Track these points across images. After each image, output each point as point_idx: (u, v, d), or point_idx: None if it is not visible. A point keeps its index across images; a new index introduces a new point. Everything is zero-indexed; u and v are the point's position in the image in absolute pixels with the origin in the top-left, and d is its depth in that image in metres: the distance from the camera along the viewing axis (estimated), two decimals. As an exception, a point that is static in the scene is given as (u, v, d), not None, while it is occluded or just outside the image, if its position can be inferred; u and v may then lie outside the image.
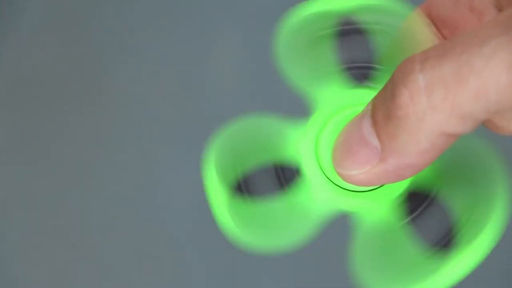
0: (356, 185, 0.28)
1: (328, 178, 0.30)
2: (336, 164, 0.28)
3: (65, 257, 0.78)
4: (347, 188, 0.30)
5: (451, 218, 0.29)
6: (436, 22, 0.31)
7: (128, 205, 0.78)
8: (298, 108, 0.31)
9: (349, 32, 0.30)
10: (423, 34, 0.30)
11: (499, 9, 0.30)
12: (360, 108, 0.28)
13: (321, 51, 0.30)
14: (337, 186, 0.30)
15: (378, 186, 0.30)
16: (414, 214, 0.30)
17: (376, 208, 0.30)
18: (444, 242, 0.29)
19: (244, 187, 0.30)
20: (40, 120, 0.80)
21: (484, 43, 0.24)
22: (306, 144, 0.30)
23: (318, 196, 0.30)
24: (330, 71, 0.31)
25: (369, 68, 0.31)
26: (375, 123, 0.26)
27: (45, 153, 0.79)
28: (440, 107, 0.25)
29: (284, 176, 0.30)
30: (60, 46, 0.81)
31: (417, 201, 0.30)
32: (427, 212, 0.30)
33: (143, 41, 0.81)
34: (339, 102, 0.30)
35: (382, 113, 0.26)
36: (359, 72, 0.31)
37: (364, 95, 0.30)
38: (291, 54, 0.30)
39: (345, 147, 0.27)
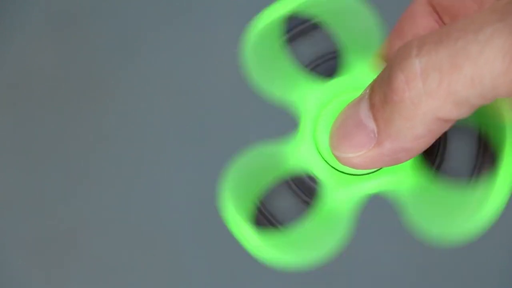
0: (352, 168, 0.28)
1: (324, 159, 0.30)
2: (333, 147, 0.28)
3: (65, 256, 0.78)
4: (344, 171, 0.30)
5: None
6: (438, 9, 0.31)
7: (128, 205, 0.78)
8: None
9: (304, 31, 0.31)
10: None
11: None
12: (356, 94, 0.28)
13: (285, 58, 0.31)
14: (334, 168, 0.30)
15: (374, 170, 0.30)
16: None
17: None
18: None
19: (269, 216, 0.31)
20: (40, 121, 0.80)
21: (480, 30, 0.25)
22: (306, 149, 0.31)
23: (341, 196, 0.30)
24: (299, 73, 0.31)
25: (335, 58, 0.31)
26: (372, 107, 0.27)
27: (45, 153, 0.79)
28: (435, 92, 0.25)
29: (302, 191, 0.31)
30: (61, 47, 0.81)
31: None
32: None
33: (143, 42, 0.81)
34: (322, 96, 0.31)
35: (379, 97, 0.26)
36: (327, 65, 0.31)
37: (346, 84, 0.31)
38: (258, 67, 0.31)
39: (342, 130, 0.28)
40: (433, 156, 0.30)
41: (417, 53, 0.25)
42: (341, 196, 0.30)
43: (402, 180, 0.30)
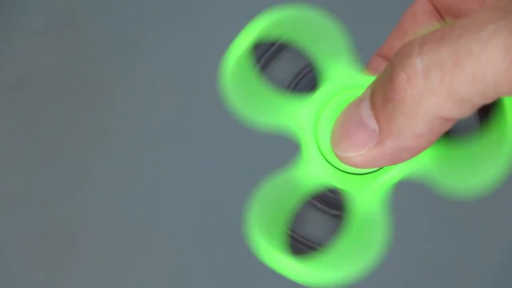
0: (354, 167, 0.28)
1: (325, 158, 0.30)
2: (334, 146, 0.28)
3: (65, 256, 0.78)
4: (344, 170, 0.30)
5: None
6: (439, 8, 0.31)
7: (128, 205, 0.78)
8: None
9: (274, 55, 0.31)
10: None
11: None
12: (358, 92, 0.28)
13: (265, 86, 0.31)
14: (334, 167, 0.30)
15: (376, 169, 0.30)
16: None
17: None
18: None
19: (305, 241, 0.30)
20: (40, 121, 0.80)
21: (482, 27, 0.24)
22: (315, 164, 0.31)
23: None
24: (283, 95, 0.31)
25: (312, 70, 0.31)
26: (373, 106, 0.26)
27: (45, 153, 0.79)
28: (436, 90, 0.25)
29: (328, 206, 0.31)
30: (61, 47, 0.81)
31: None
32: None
33: (144, 42, 0.81)
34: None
35: (380, 96, 0.26)
36: (307, 79, 0.31)
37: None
38: (242, 103, 0.31)
39: (343, 129, 0.28)
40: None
41: (419, 51, 0.25)
42: (368, 196, 0.30)
43: (420, 157, 0.30)
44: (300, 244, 0.30)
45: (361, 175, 0.30)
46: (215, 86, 0.81)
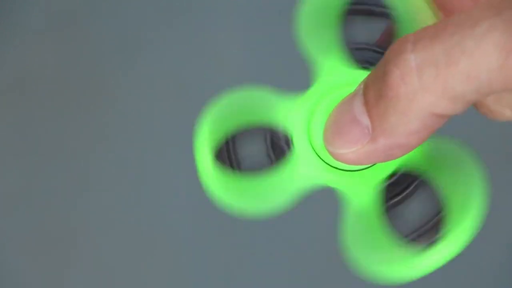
0: (346, 163, 0.28)
1: (317, 155, 0.30)
2: (327, 142, 0.28)
3: (65, 256, 0.78)
4: (336, 167, 0.30)
5: (432, 208, 0.29)
6: (433, 5, 0.31)
7: (129, 205, 0.78)
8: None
9: (365, 12, 0.30)
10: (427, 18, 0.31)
11: None
12: (353, 88, 0.28)
13: (334, 28, 0.31)
14: (326, 163, 0.30)
15: (369, 165, 0.30)
16: (395, 200, 0.30)
17: (361, 189, 0.30)
18: (423, 230, 0.29)
19: (233, 156, 0.30)
20: (40, 121, 0.80)
21: (477, 24, 0.24)
22: (298, 116, 0.31)
23: (305, 171, 0.30)
24: (338, 48, 0.31)
25: (375, 51, 0.31)
26: (366, 103, 0.26)
27: (45, 153, 0.79)
28: (431, 87, 0.25)
29: (273, 147, 0.31)
30: (61, 47, 0.81)
31: (399, 187, 0.30)
32: (409, 199, 0.30)
33: (144, 42, 0.81)
34: (337, 80, 0.31)
35: (373, 93, 0.26)
36: (365, 53, 0.31)
37: (361, 77, 0.30)
38: (307, 27, 0.30)
39: (336, 126, 0.28)
40: (394, 193, 0.30)
41: (413, 48, 0.25)
42: (302, 172, 0.30)
43: (358, 190, 0.30)
44: (227, 155, 0.30)
45: (353, 172, 0.30)
46: (216, 86, 0.81)
